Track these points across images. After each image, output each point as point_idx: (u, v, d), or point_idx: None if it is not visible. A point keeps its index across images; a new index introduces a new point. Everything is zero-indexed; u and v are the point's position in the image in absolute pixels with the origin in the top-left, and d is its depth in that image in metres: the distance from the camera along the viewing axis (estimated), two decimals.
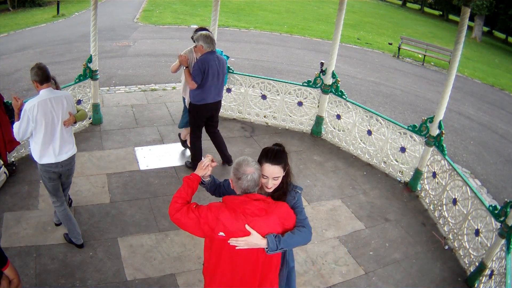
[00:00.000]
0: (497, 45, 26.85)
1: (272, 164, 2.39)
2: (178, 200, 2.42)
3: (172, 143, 6.02)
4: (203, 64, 4.69)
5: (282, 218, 2.39)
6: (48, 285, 3.58)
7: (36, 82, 3.49)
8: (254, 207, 2.30)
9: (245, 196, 2.33)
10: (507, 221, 3.78)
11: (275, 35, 15.19)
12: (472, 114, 10.22)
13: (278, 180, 2.44)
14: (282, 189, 2.51)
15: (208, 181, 2.68)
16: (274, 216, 2.36)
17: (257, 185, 2.36)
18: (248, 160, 2.38)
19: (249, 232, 2.29)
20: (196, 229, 2.36)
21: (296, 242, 2.41)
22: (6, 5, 17.87)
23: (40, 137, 3.56)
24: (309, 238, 2.46)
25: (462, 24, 4.66)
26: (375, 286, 4.04)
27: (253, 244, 2.31)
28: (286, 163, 2.46)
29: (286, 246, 2.35)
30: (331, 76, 6.17)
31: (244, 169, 2.33)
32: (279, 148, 2.48)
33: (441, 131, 5.08)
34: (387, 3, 36.41)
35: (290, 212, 2.45)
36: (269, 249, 2.32)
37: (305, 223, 2.47)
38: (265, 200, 2.37)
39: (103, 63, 8.66)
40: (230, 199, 2.38)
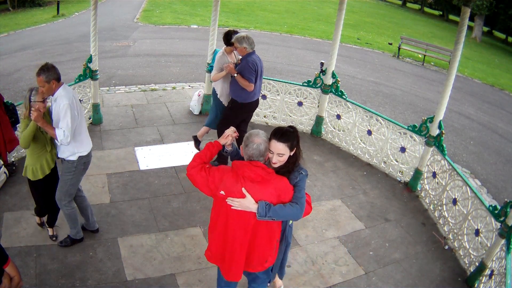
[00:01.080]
0: (497, 45, 26.84)
1: (277, 141, 2.57)
2: (197, 159, 2.72)
3: (172, 143, 6.02)
4: (253, 64, 4.85)
5: (279, 190, 2.57)
6: (48, 285, 3.58)
7: (55, 81, 3.44)
8: (253, 172, 2.52)
9: (248, 162, 2.56)
10: (507, 221, 3.78)
11: (275, 35, 15.19)
12: (472, 114, 10.22)
13: (283, 157, 2.60)
14: (287, 167, 2.65)
15: (230, 150, 2.89)
16: (271, 187, 2.55)
17: (261, 155, 2.56)
18: (259, 132, 2.62)
19: (244, 195, 2.51)
20: (204, 186, 2.64)
21: (285, 215, 2.56)
22: (6, 5, 17.87)
23: (81, 129, 3.66)
24: (299, 215, 2.58)
25: (462, 24, 4.66)
26: (375, 286, 4.04)
27: (245, 207, 2.53)
28: (293, 144, 2.62)
29: (275, 215, 2.52)
30: (331, 76, 6.17)
31: (253, 138, 2.57)
32: (290, 129, 2.65)
33: (441, 131, 5.08)
34: (387, 3, 36.41)
35: (289, 188, 2.60)
36: (259, 215, 2.51)
37: (300, 201, 2.58)
38: (266, 169, 2.55)
39: (103, 63, 8.66)
40: (237, 162, 2.61)
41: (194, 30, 14.50)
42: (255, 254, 2.77)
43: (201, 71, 9.05)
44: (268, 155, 2.61)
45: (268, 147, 2.59)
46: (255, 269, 2.87)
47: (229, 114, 5.20)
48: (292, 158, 2.66)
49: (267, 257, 2.83)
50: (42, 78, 3.39)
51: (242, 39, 4.81)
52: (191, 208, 4.76)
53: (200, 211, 4.72)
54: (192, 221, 4.57)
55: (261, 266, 2.86)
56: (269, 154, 2.61)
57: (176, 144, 6.00)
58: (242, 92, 4.99)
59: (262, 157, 2.58)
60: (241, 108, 5.13)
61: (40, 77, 3.39)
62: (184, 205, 4.80)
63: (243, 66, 4.86)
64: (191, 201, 4.87)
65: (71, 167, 3.71)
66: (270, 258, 2.87)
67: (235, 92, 5.05)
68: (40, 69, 3.40)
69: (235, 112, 5.17)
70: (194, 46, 11.95)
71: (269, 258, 2.86)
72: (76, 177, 3.78)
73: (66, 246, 3.98)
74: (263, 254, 2.79)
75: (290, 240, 3.12)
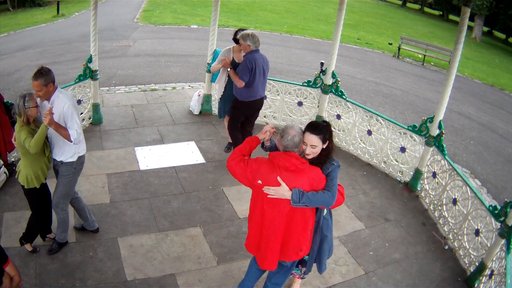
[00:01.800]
0: (497, 45, 26.84)
1: (311, 133, 2.77)
2: (237, 152, 2.93)
3: (172, 143, 6.02)
4: (250, 62, 4.87)
5: (311, 179, 2.74)
6: (48, 285, 3.58)
7: (52, 84, 3.43)
8: (287, 162, 2.69)
9: (283, 152, 2.75)
10: (507, 221, 3.78)
11: (275, 35, 15.19)
12: (472, 114, 10.22)
13: (316, 149, 2.79)
14: (320, 159, 2.84)
15: (269, 146, 3.08)
16: (304, 176, 2.73)
17: (296, 146, 2.74)
18: (294, 125, 2.82)
19: (280, 183, 2.69)
20: (243, 177, 2.85)
21: (317, 201, 2.72)
22: (6, 5, 17.87)
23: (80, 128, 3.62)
24: (330, 201, 2.74)
25: (462, 24, 4.66)
26: (375, 286, 4.04)
27: (280, 194, 2.71)
28: (325, 136, 2.80)
29: (308, 201, 2.68)
30: (331, 76, 6.17)
31: (288, 130, 2.75)
32: (323, 123, 2.85)
33: (441, 131, 5.08)
34: (387, 3, 36.41)
35: (321, 177, 2.78)
36: (293, 201, 2.68)
37: (332, 189, 2.74)
38: (299, 159, 2.72)
39: (103, 63, 8.66)
40: (273, 153, 2.80)
41: (194, 30, 14.50)
42: (290, 242, 2.90)
43: (201, 71, 9.05)
44: (302, 146, 2.79)
45: (303, 139, 2.77)
46: (291, 258, 2.99)
47: (233, 112, 5.36)
48: (325, 151, 2.84)
49: (302, 245, 2.95)
50: (41, 81, 3.34)
51: (246, 37, 4.87)
52: (191, 208, 4.76)
53: (200, 211, 4.72)
54: (192, 221, 4.57)
55: (296, 255, 2.98)
56: (303, 146, 2.79)
57: (176, 144, 6.00)
58: (242, 90, 5.06)
59: (296, 148, 2.75)
60: (241, 106, 5.20)
61: (38, 81, 3.33)
62: (184, 205, 4.80)
63: (241, 64, 4.96)
64: (191, 201, 4.87)
65: (71, 169, 3.69)
66: (304, 247, 2.99)
67: (235, 89, 5.15)
68: (38, 73, 3.34)
69: (237, 110, 5.28)
70: (194, 46, 11.95)
71: (304, 247, 2.97)
72: (75, 178, 3.78)
73: (56, 253, 3.90)
74: (298, 242, 2.92)
75: (327, 233, 3.18)
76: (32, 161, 3.50)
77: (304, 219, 2.86)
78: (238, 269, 4.02)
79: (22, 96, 3.35)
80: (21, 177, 3.56)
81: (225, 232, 4.47)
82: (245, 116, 5.36)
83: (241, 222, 4.64)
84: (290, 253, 2.96)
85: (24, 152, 3.46)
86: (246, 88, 5.02)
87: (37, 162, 3.53)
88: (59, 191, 3.74)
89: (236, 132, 5.42)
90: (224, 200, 4.96)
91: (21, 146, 3.43)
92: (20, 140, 3.40)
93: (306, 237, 2.96)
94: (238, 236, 4.44)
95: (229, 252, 4.21)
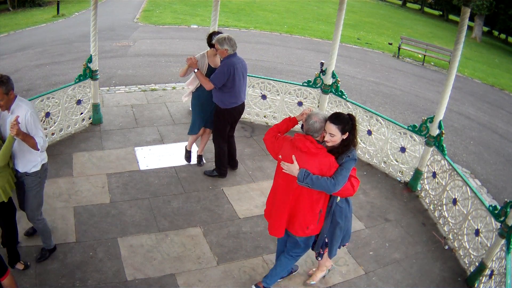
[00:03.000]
0: (497, 45, 26.84)
1: (330, 122, 2.97)
2: (274, 128, 3.32)
3: (172, 143, 6.02)
4: (229, 67, 4.60)
5: (322, 164, 2.98)
6: (48, 285, 3.58)
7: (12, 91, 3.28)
8: (302, 143, 2.98)
9: (303, 135, 3.05)
10: (507, 221, 3.78)
11: (275, 35, 15.18)
12: (472, 114, 10.21)
13: (335, 138, 2.99)
14: (337, 148, 3.04)
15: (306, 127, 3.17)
16: (316, 160, 2.99)
17: (315, 131, 3.00)
18: (319, 113, 3.06)
19: (293, 161, 3.00)
20: (271, 149, 3.25)
21: (319, 185, 2.96)
22: (6, 5, 17.87)
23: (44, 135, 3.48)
24: (331, 189, 2.96)
25: (462, 24, 4.66)
26: (375, 286, 4.04)
27: (290, 171, 3.03)
28: (345, 128, 2.98)
29: (310, 182, 2.95)
30: (331, 76, 6.17)
31: (312, 116, 3.02)
32: (345, 115, 3.03)
33: (441, 131, 5.08)
34: (387, 3, 36.40)
35: (332, 165, 2.99)
36: (298, 179, 2.99)
37: (337, 178, 2.95)
38: (315, 144, 2.99)
39: (103, 63, 8.66)
40: (296, 134, 3.09)
41: (194, 30, 14.50)
42: (296, 217, 3.20)
43: None
44: (323, 134, 3.02)
45: (324, 126, 3.00)
46: (297, 232, 3.27)
47: (217, 123, 5.04)
48: (344, 141, 3.03)
49: (309, 224, 3.22)
50: (2, 90, 3.16)
51: (223, 41, 4.55)
52: (191, 208, 4.76)
53: (200, 211, 4.73)
54: (192, 221, 4.57)
55: (302, 231, 3.26)
56: (324, 133, 3.02)
57: (176, 144, 6.00)
58: (223, 97, 4.79)
59: (316, 134, 3.01)
60: (225, 114, 4.93)
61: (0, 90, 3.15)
62: (184, 205, 4.80)
63: (219, 68, 4.67)
64: (191, 201, 4.87)
65: (36, 179, 3.55)
66: (311, 226, 3.24)
67: (216, 98, 4.86)
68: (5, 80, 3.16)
69: (221, 119, 4.98)
70: (194, 46, 11.93)
71: (311, 225, 3.24)
72: (42, 186, 3.66)
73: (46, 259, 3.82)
74: (304, 219, 3.20)
75: (340, 220, 3.33)
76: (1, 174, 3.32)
77: (312, 200, 3.11)
78: (238, 269, 4.02)
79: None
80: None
81: (225, 232, 4.47)
82: (230, 124, 5.10)
83: (241, 222, 4.64)
84: (296, 228, 3.25)
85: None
86: (228, 95, 4.76)
87: (3, 175, 3.33)
88: (31, 204, 3.60)
89: (223, 144, 5.14)
90: (224, 200, 4.96)
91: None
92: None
93: (313, 217, 3.20)
94: (238, 236, 4.44)
95: (229, 252, 4.21)
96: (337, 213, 3.30)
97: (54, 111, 5.53)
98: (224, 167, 5.32)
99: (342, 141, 3.02)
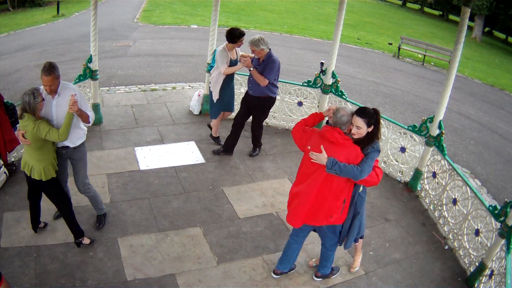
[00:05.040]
0: (497, 45, 26.84)
1: (357, 116, 3.20)
2: (302, 122, 3.54)
3: (172, 143, 6.02)
4: (277, 63, 5.23)
5: (349, 154, 3.19)
6: (48, 285, 3.58)
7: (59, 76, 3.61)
8: (331, 134, 3.20)
9: (331, 127, 3.25)
10: (507, 221, 3.78)
11: (275, 35, 15.18)
12: (472, 114, 10.21)
13: (361, 130, 3.20)
14: (363, 140, 3.25)
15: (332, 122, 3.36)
16: (344, 150, 3.19)
17: (343, 124, 3.21)
18: (347, 108, 3.39)
19: (321, 151, 3.21)
20: (298, 141, 3.48)
21: (346, 172, 3.16)
22: (6, 5, 17.86)
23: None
24: (358, 175, 3.16)
25: (462, 24, 4.66)
26: (375, 286, 4.04)
27: (319, 160, 3.23)
28: (370, 121, 3.19)
29: (338, 170, 3.15)
30: (331, 76, 6.17)
31: (340, 110, 3.25)
32: (371, 110, 3.25)
33: (441, 131, 5.08)
34: (387, 3, 36.41)
35: (358, 155, 3.20)
36: (327, 167, 3.18)
37: (363, 166, 3.16)
38: (342, 135, 3.20)
39: (103, 63, 8.66)
40: (324, 126, 3.30)
41: (194, 30, 14.50)
42: (322, 207, 3.36)
43: (201, 71, 9.05)
44: (350, 127, 3.23)
45: (351, 120, 3.21)
46: (321, 222, 3.45)
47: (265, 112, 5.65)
48: (370, 134, 3.24)
49: (333, 212, 3.38)
50: (54, 75, 3.48)
51: (258, 42, 5.05)
52: (191, 208, 4.76)
53: (200, 211, 4.73)
54: (192, 221, 4.57)
55: (326, 220, 3.43)
56: (351, 126, 3.23)
57: (176, 144, 6.00)
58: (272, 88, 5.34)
59: (344, 126, 3.22)
60: (271, 103, 5.54)
61: (52, 75, 3.46)
62: (184, 205, 4.80)
63: (269, 66, 5.16)
64: (191, 201, 4.87)
65: (83, 150, 3.94)
66: (335, 215, 3.40)
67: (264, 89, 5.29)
68: (50, 68, 3.47)
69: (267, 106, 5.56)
70: (194, 46, 11.94)
71: (335, 214, 3.39)
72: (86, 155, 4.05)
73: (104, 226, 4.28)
74: (329, 208, 3.35)
75: (360, 210, 3.51)
76: (46, 153, 3.63)
77: (338, 189, 3.29)
78: (238, 269, 4.02)
79: (31, 92, 3.45)
80: (37, 172, 3.62)
81: (225, 232, 4.47)
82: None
83: (241, 222, 4.64)
84: (320, 218, 3.42)
85: (39, 146, 3.56)
86: (273, 86, 5.33)
87: (50, 153, 3.67)
88: (82, 174, 3.99)
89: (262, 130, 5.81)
90: (224, 200, 4.96)
91: (38, 140, 3.51)
92: (40, 134, 3.47)
93: (337, 206, 3.37)
94: (238, 236, 4.44)
95: (229, 252, 4.21)
96: (358, 202, 3.50)
97: None
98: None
99: (367, 134, 3.23)
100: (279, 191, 5.24)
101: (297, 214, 3.46)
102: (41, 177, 3.64)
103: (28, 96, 3.44)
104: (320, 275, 3.97)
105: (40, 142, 3.54)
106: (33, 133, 3.48)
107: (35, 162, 3.61)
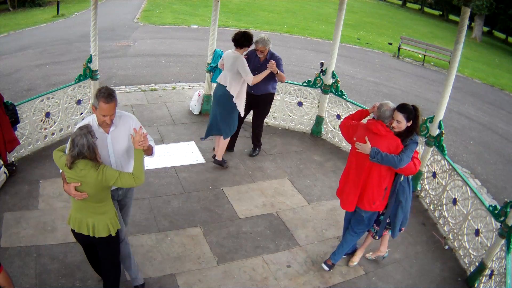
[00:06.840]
0: (497, 45, 26.84)
1: (397, 111, 3.49)
2: (349, 117, 3.91)
3: (172, 143, 6.02)
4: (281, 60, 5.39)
5: (390, 145, 3.49)
6: (48, 285, 3.58)
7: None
8: (374, 126, 3.53)
9: (375, 120, 3.59)
10: (507, 221, 3.78)
11: (275, 35, 15.17)
12: (472, 114, 10.21)
13: (401, 124, 3.49)
14: (402, 134, 3.54)
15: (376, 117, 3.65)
16: (386, 141, 3.50)
17: (385, 118, 3.52)
18: (390, 103, 3.57)
19: (366, 141, 3.52)
20: (345, 134, 3.86)
21: (387, 160, 3.44)
22: (6, 5, 17.86)
23: None
24: (397, 164, 3.43)
25: (462, 24, 4.66)
26: (375, 286, 4.04)
27: (363, 150, 3.53)
28: (409, 116, 3.48)
29: (380, 158, 3.44)
30: (331, 76, 6.17)
31: (384, 105, 3.55)
32: (410, 106, 3.53)
33: (441, 131, 5.07)
34: (387, 3, 36.40)
35: (399, 146, 3.50)
36: (370, 156, 3.48)
37: (402, 156, 3.44)
38: (385, 127, 3.51)
39: (103, 63, 8.65)
40: (369, 120, 3.64)
41: (194, 30, 14.50)
42: (366, 193, 3.65)
43: (201, 71, 9.04)
44: (391, 121, 3.51)
45: (392, 114, 3.49)
46: (365, 207, 3.71)
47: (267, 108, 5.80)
48: (409, 128, 3.53)
49: (375, 199, 3.66)
50: (115, 103, 2.92)
51: (267, 41, 5.23)
52: (191, 208, 4.76)
53: (200, 211, 4.72)
54: (192, 221, 4.57)
55: (369, 206, 3.70)
56: (392, 120, 3.51)
57: (176, 144, 6.00)
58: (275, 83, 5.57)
59: (386, 120, 3.52)
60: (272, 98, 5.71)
61: (113, 103, 2.89)
62: (184, 205, 4.80)
63: (279, 62, 5.28)
64: (191, 201, 4.87)
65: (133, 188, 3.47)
66: (377, 202, 3.68)
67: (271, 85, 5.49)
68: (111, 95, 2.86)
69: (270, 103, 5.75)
70: (194, 46, 11.94)
71: (377, 202, 3.67)
72: None
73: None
74: (372, 195, 3.64)
75: (402, 199, 3.71)
76: (109, 202, 3.01)
77: (380, 176, 3.58)
78: (238, 269, 4.03)
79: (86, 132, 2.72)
80: (102, 229, 2.97)
81: (225, 232, 4.47)
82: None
83: (241, 222, 4.64)
84: (365, 203, 3.69)
85: (103, 198, 2.92)
86: (275, 81, 5.53)
87: (111, 201, 3.04)
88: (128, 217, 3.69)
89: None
90: (224, 200, 4.96)
91: (102, 190, 2.87)
92: (107, 182, 2.81)
93: (379, 193, 3.64)
94: (238, 236, 4.44)
95: (229, 252, 4.21)
96: (400, 192, 3.70)
97: (54, 111, 5.53)
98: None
99: (407, 128, 3.52)
100: (279, 191, 5.24)
101: (350, 199, 3.75)
102: (109, 231, 2.99)
103: (84, 137, 2.69)
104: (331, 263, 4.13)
105: (105, 192, 2.90)
106: (96, 182, 2.77)
107: (97, 217, 2.93)
